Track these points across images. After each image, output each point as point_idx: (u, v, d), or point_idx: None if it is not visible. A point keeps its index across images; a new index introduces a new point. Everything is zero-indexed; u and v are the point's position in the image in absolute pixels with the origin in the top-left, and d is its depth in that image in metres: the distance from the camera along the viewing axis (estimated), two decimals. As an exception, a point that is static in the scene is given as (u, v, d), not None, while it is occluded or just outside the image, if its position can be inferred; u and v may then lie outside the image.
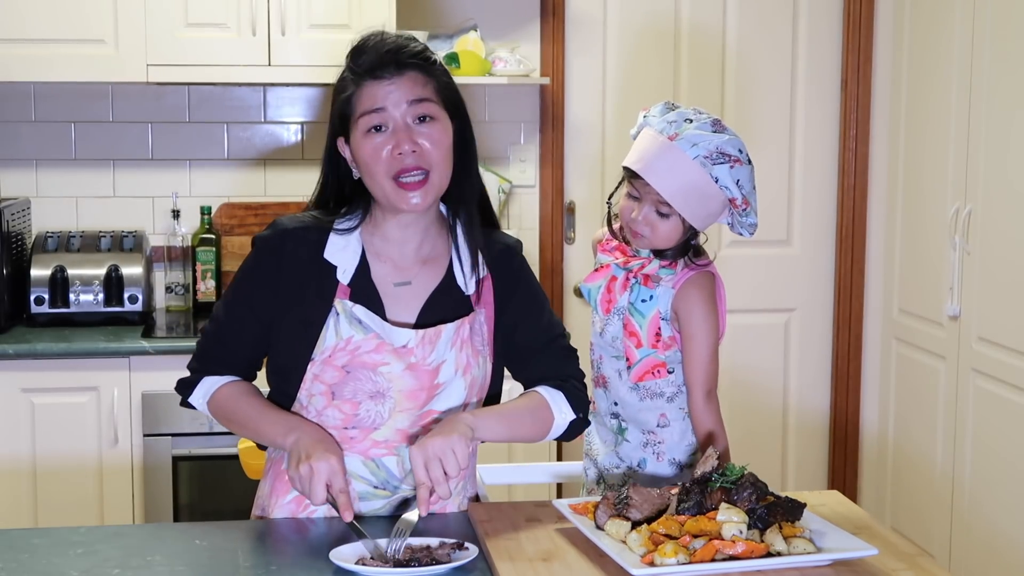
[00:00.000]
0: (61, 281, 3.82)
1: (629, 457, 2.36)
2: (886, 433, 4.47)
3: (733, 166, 2.20)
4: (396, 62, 2.03)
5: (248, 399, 2.15)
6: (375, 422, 2.10)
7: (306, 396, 2.11)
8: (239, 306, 2.15)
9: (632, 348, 2.29)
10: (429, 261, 2.16)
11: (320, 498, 1.97)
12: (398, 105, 2.03)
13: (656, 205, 2.23)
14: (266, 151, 4.22)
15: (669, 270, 2.28)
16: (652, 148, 2.22)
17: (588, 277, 2.38)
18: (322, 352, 2.08)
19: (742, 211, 2.24)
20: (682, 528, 1.90)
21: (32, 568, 1.90)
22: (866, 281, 4.54)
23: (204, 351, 2.19)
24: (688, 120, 2.23)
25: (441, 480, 1.95)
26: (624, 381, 2.34)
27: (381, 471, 2.13)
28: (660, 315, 2.28)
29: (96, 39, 3.71)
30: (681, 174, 2.19)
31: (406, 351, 2.08)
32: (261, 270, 2.13)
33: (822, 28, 4.45)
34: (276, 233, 2.13)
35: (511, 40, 4.25)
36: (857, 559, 1.89)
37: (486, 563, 1.92)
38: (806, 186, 4.49)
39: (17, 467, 3.59)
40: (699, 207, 2.22)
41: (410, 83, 2.04)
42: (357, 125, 2.05)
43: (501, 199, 4.22)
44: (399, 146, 2.02)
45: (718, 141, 2.20)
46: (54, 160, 4.12)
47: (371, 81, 2.03)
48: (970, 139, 3.85)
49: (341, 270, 2.11)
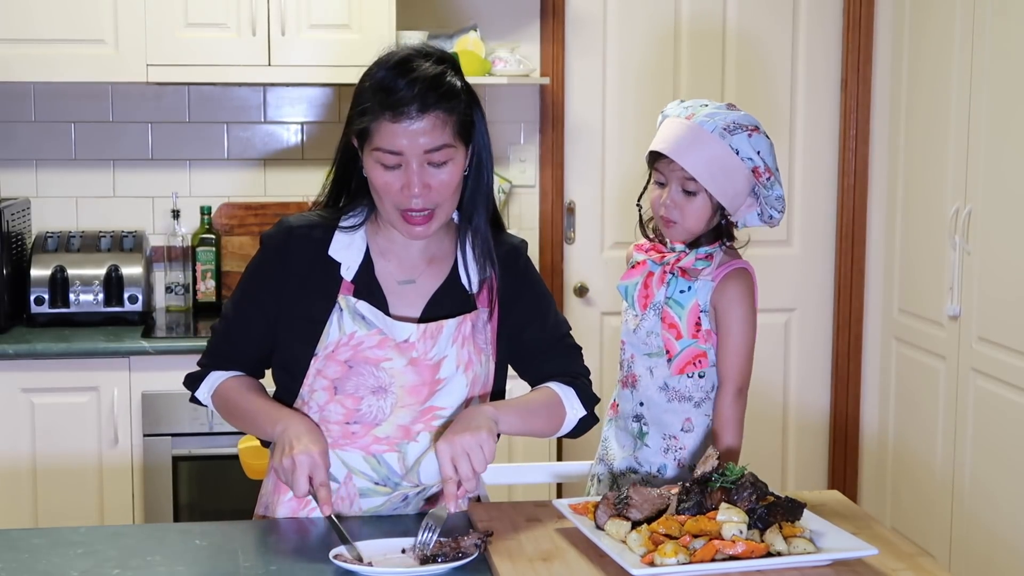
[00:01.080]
0: (61, 281, 3.82)
1: (648, 462, 2.36)
2: (886, 433, 4.47)
3: (751, 135, 2.26)
4: (421, 104, 1.99)
5: (247, 393, 2.18)
6: (377, 418, 2.11)
7: (308, 391, 2.13)
8: (246, 304, 2.18)
9: (672, 340, 2.30)
10: (435, 260, 2.17)
11: (302, 490, 1.99)
12: (415, 151, 2.00)
13: (682, 183, 2.27)
14: (266, 151, 4.22)
15: (706, 262, 2.29)
16: (672, 129, 2.29)
17: (624, 275, 2.40)
18: (325, 347, 2.09)
19: (766, 181, 2.27)
20: (682, 528, 1.90)
21: (32, 568, 1.90)
22: (866, 281, 4.54)
23: (213, 348, 2.23)
24: (703, 105, 2.32)
25: (470, 476, 1.96)
26: (655, 379, 2.33)
27: (382, 467, 2.13)
28: (700, 306, 2.29)
29: (96, 39, 3.71)
30: (703, 147, 2.24)
31: (408, 346, 2.09)
32: (266, 268, 2.15)
33: (822, 28, 4.45)
34: (281, 231, 2.15)
35: (511, 40, 4.25)
36: (857, 559, 1.89)
37: (486, 563, 1.92)
38: (806, 186, 4.49)
39: (17, 467, 3.59)
40: (724, 181, 2.25)
41: (430, 127, 2.00)
42: (372, 154, 2.03)
43: (501, 199, 4.22)
44: (410, 188, 2.01)
45: (734, 116, 2.28)
46: (54, 160, 4.12)
47: (392, 120, 1.99)
48: (970, 139, 3.85)
49: (345, 267, 2.12)
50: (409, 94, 1.99)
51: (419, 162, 2.01)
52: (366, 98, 2.03)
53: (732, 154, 2.24)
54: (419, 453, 2.13)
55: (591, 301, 4.44)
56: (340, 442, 2.12)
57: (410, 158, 2.00)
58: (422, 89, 1.99)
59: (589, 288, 4.43)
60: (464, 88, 2.08)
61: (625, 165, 4.38)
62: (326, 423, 2.12)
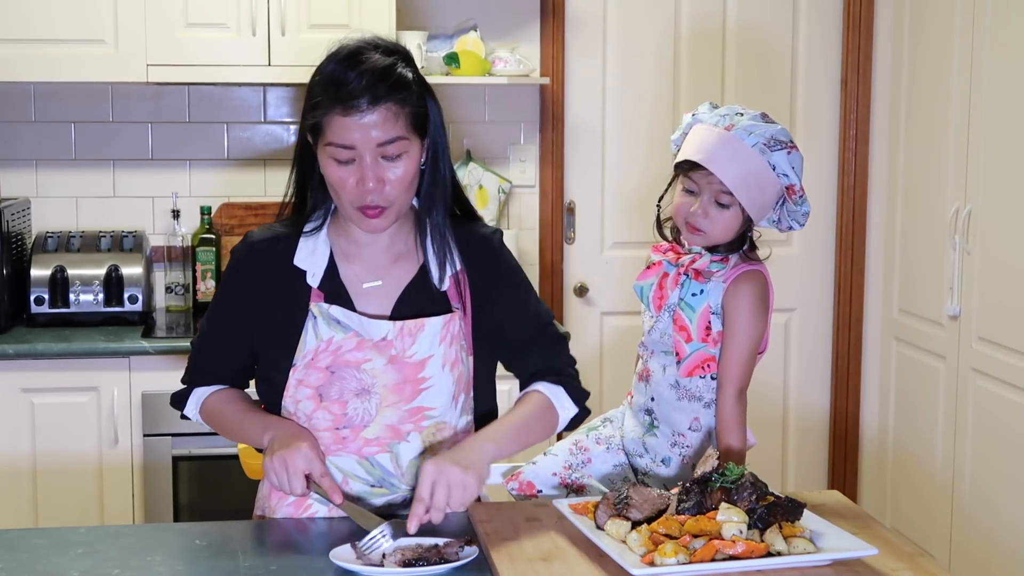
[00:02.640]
0: (61, 281, 3.82)
1: (655, 450, 2.36)
2: (886, 433, 4.47)
3: (790, 152, 2.25)
4: (372, 96, 1.96)
5: (232, 405, 2.20)
6: (364, 420, 2.10)
7: (292, 402, 2.12)
8: (219, 319, 2.20)
9: (682, 343, 2.29)
10: (400, 257, 2.15)
11: (299, 489, 1.99)
12: (367, 144, 1.97)
13: (717, 196, 2.24)
14: (266, 151, 4.22)
15: (720, 264, 2.28)
16: (710, 139, 2.24)
17: (640, 275, 2.39)
18: (303, 356, 2.09)
19: (798, 199, 2.27)
20: (682, 528, 1.90)
21: (32, 568, 1.90)
22: (866, 281, 4.54)
23: (193, 365, 2.25)
24: (739, 114, 2.27)
25: (442, 508, 1.94)
26: (667, 377, 2.33)
27: (376, 469, 2.13)
28: (711, 309, 2.28)
29: (96, 39, 3.71)
30: (742, 161, 2.21)
31: (385, 344, 2.08)
32: (234, 284, 2.16)
33: (822, 28, 4.45)
34: (245, 247, 2.16)
35: (511, 40, 4.25)
36: (857, 559, 1.89)
37: (486, 563, 1.92)
38: (806, 186, 4.45)
39: (17, 467, 3.59)
40: (758, 196, 2.24)
41: (382, 119, 1.96)
42: (324, 149, 2.01)
43: (501, 199, 4.22)
44: (364, 183, 1.99)
45: (772, 130, 2.25)
46: (54, 160, 4.12)
47: (342, 114, 1.96)
48: (970, 139, 3.84)
49: (310, 274, 2.11)
50: (358, 86, 1.95)
51: (372, 156, 1.98)
52: (316, 92, 2.00)
53: (769, 169, 2.23)
54: (412, 454, 2.13)
55: (591, 301, 4.44)
56: (332, 448, 2.12)
57: (363, 152, 1.97)
58: (371, 81, 1.96)
59: (589, 288, 4.43)
60: (416, 79, 2.04)
61: (625, 165, 4.38)
62: (316, 431, 2.11)
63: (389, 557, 1.89)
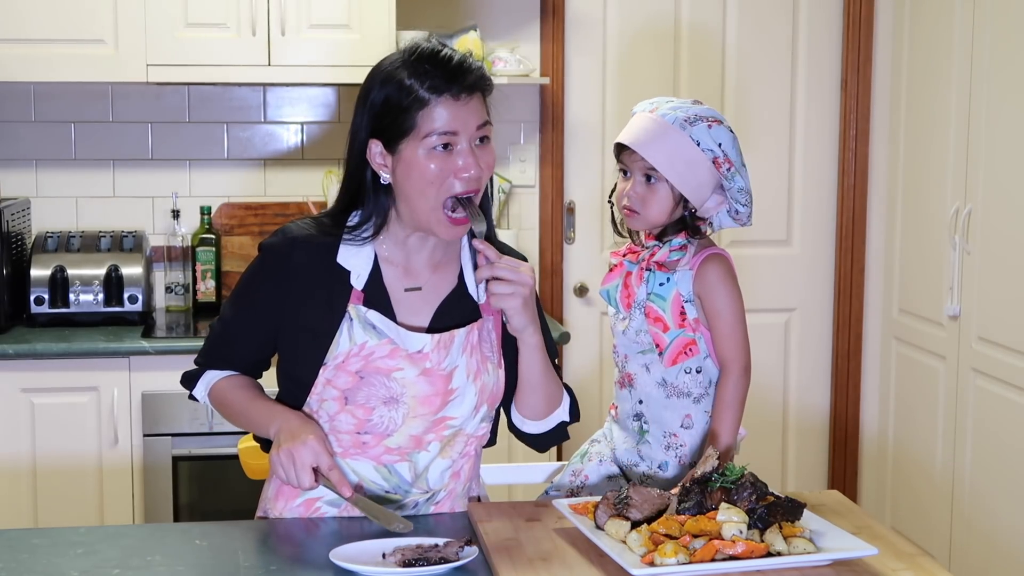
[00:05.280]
0: (61, 281, 3.82)
1: (650, 457, 2.36)
2: (886, 433, 4.47)
3: (711, 126, 2.28)
4: (471, 84, 2.02)
5: (243, 391, 2.18)
6: (388, 428, 2.09)
7: (317, 401, 2.10)
8: (245, 309, 2.15)
9: (660, 333, 2.30)
10: (440, 267, 2.15)
11: (307, 483, 1.99)
12: (468, 129, 2.02)
13: (643, 172, 2.30)
14: (266, 151, 4.22)
15: (681, 252, 2.30)
16: (635, 122, 2.34)
17: (604, 280, 2.42)
18: (335, 357, 2.07)
19: (727, 172, 2.27)
20: (682, 528, 1.90)
21: (32, 568, 1.90)
22: (866, 281, 4.54)
23: (209, 348, 2.22)
24: (668, 101, 2.35)
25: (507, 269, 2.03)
26: (652, 375, 2.33)
27: (393, 476, 2.12)
28: (682, 297, 2.30)
29: (96, 39, 3.71)
30: (663, 137, 2.27)
31: (421, 356, 2.07)
32: (269, 277, 2.12)
33: (822, 28, 4.45)
34: (285, 240, 2.11)
35: (511, 40, 4.25)
36: (857, 559, 1.89)
37: (486, 563, 1.92)
38: (806, 186, 4.49)
39: (17, 467, 3.59)
40: (686, 172, 2.27)
41: (478, 105, 2.03)
42: (422, 142, 2.00)
43: (501, 199, 4.22)
44: (467, 168, 2.01)
45: (696, 109, 2.31)
46: (54, 160, 4.12)
47: (448, 100, 2.00)
48: (970, 139, 3.85)
49: (355, 275, 2.09)
50: (461, 77, 2.01)
51: (469, 140, 2.02)
52: (407, 92, 2.00)
53: (693, 145, 2.26)
54: (429, 461, 2.12)
55: (591, 301, 4.44)
56: (351, 452, 2.11)
57: (463, 136, 2.01)
58: (468, 68, 2.02)
59: (589, 288, 4.43)
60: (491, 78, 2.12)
61: (625, 165, 4.38)
62: (336, 433, 2.10)
63: (389, 557, 1.89)
